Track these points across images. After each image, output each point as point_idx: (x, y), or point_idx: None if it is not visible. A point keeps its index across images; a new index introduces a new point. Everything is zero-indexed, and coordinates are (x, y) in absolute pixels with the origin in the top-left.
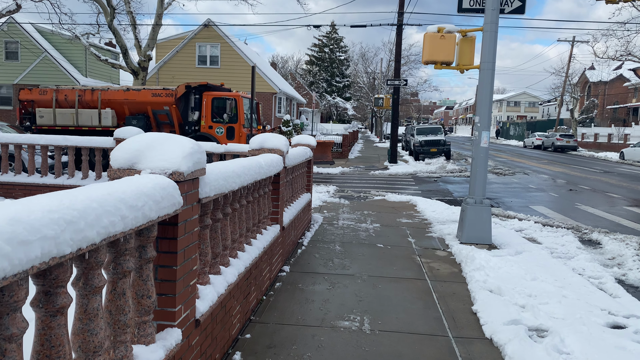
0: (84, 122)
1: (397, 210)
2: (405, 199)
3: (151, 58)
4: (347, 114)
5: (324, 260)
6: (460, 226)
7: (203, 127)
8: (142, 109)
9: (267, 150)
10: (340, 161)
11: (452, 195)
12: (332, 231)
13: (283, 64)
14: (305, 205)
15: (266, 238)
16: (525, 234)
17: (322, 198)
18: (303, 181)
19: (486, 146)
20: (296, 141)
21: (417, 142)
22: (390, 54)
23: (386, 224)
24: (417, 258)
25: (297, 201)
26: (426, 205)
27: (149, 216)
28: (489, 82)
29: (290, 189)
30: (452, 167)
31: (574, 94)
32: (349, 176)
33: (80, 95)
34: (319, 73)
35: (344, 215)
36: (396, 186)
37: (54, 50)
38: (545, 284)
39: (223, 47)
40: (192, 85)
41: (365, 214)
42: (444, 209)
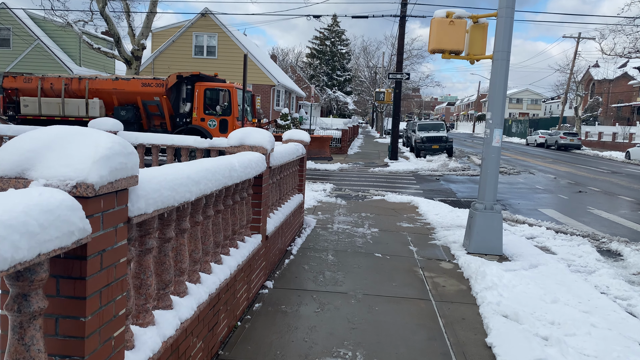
0: (70, 112)
1: (398, 213)
2: (406, 200)
3: (145, 47)
4: (348, 108)
5: (313, 274)
6: (467, 234)
7: (195, 119)
8: (132, 100)
9: (248, 148)
10: (339, 157)
11: (455, 195)
12: (325, 237)
13: (283, 57)
14: (296, 208)
15: (243, 252)
16: (537, 242)
17: (318, 197)
18: (294, 181)
19: (498, 145)
20: (287, 136)
21: (418, 138)
22: (392, 47)
23: (385, 228)
24: (419, 271)
25: (286, 204)
26: (428, 207)
27: (15, 258)
28: (503, 74)
29: (278, 191)
30: (455, 165)
31: (578, 92)
32: (347, 173)
33: (66, 84)
34: (320, 66)
35: (339, 217)
36: (396, 185)
37: (47, 38)
38: (568, 308)
39: (220, 38)
40: (184, 75)
41: (363, 216)
42: (447, 212)
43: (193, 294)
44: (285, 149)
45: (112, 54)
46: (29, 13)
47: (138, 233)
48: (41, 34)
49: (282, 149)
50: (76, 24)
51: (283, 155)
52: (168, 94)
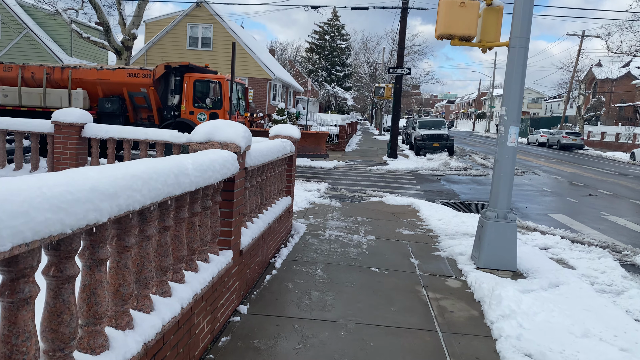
0: (52, 103)
1: (397, 217)
2: (406, 202)
3: (136, 37)
4: (347, 104)
5: (298, 294)
6: (476, 245)
7: (184, 112)
8: (117, 91)
9: (216, 145)
10: (336, 154)
11: (458, 197)
12: (315, 246)
13: (282, 51)
14: (282, 213)
15: (204, 276)
16: (552, 253)
17: (310, 199)
18: (280, 183)
19: (514, 145)
20: (274, 132)
21: (418, 135)
22: (392, 43)
23: (383, 236)
24: (422, 291)
25: (269, 210)
26: (430, 211)
27: None
28: (521, 64)
29: (259, 195)
30: (456, 164)
31: (582, 91)
32: (344, 171)
33: (48, 73)
34: (319, 61)
35: (333, 222)
36: (396, 185)
37: (37, 27)
38: (603, 345)
39: (216, 29)
40: (173, 65)
41: (359, 221)
42: (451, 217)
43: (117, 347)
44: (268, 146)
45: (101, 44)
46: (19, 0)
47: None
48: (31, 23)
49: (264, 146)
50: (66, 12)
51: (264, 154)
52: (156, 86)
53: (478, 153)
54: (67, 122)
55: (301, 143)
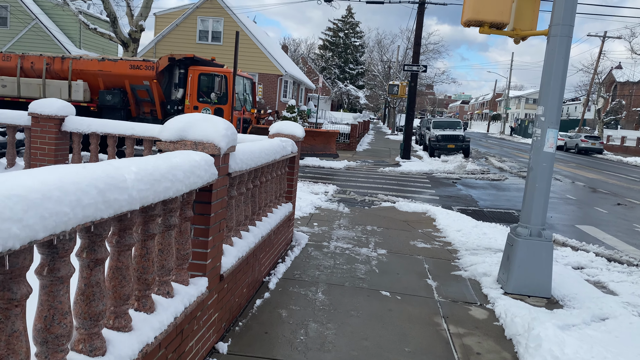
0: (52, 94)
1: (411, 227)
2: (420, 209)
3: (143, 29)
4: (359, 103)
5: (292, 326)
6: (504, 266)
7: (187, 107)
8: (119, 83)
9: (190, 144)
10: (347, 154)
11: (477, 204)
12: (318, 261)
13: (295, 48)
14: (281, 223)
15: (163, 317)
16: (588, 274)
17: (316, 203)
18: (279, 187)
19: (552, 151)
20: (275, 130)
21: (433, 136)
22: (407, 41)
23: (396, 249)
24: (442, 324)
25: (264, 220)
26: (448, 220)
27: None
28: (563, 56)
29: (249, 205)
30: (473, 167)
31: (602, 94)
32: (355, 173)
33: (48, 63)
34: (332, 58)
35: (339, 231)
36: (409, 188)
37: (46, 17)
38: None
39: (227, 22)
40: (177, 57)
41: (369, 231)
42: (471, 227)
43: None
44: (261, 147)
45: (109, 36)
46: None
47: None
48: (40, 13)
49: (257, 147)
50: (74, 2)
51: (256, 156)
52: (159, 78)
53: (494, 155)
54: (46, 115)
55: (310, 142)
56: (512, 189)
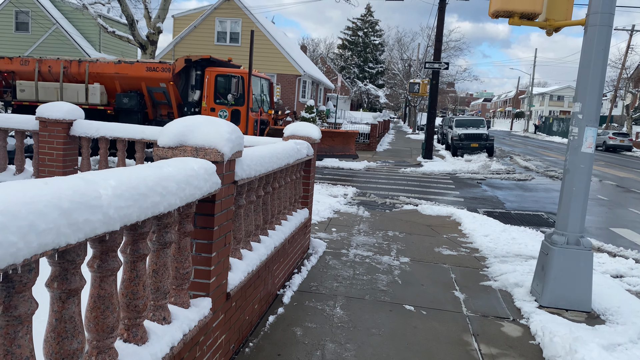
0: (69, 98)
1: (435, 231)
2: (444, 212)
3: (161, 31)
4: (379, 102)
5: (307, 347)
6: (539, 276)
7: (204, 109)
8: (136, 86)
9: (190, 150)
10: (367, 154)
11: (503, 206)
12: (336, 271)
13: (314, 47)
14: (296, 231)
15: (156, 349)
16: (629, 284)
17: (335, 206)
18: (295, 192)
19: (591, 152)
20: (290, 132)
21: (455, 135)
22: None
23: (419, 257)
24: (472, 343)
25: (278, 228)
26: (474, 224)
27: None
28: (602, 47)
29: (260, 213)
30: (497, 166)
31: (629, 89)
32: (375, 174)
33: (65, 67)
34: (351, 58)
35: (359, 237)
36: (431, 190)
37: (66, 22)
38: None
39: (245, 23)
40: (193, 59)
41: (390, 236)
42: (499, 232)
43: None
44: (273, 151)
45: (127, 38)
46: None
47: None
48: (61, 18)
49: (268, 151)
50: (93, 6)
51: (266, 161)
52: (175, 80)
53: (519, 154)
54: (53, 119)
55: (329, 143)
56: (540, 189)
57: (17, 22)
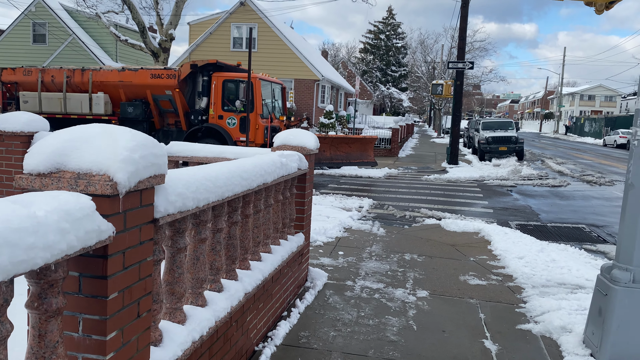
0: (72, 108)
1: (460, 253)
2: (471, 228)
3: (173, 38)
4: (403, 105)
5: None
6: (595, 322)
7: (212, 116)
8: (141, 94)
9: (69, 178)
10: (388, 160)
11: (538, 218)
12: (336, 313)
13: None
14: (285, 263)
15: None
16: None
17: (346, 222)
18: (284, 216)
19: None
20: (280, 141)
21: (482, 138)
22: (451, 40)
23: (441, 289)
24: None
25: (254, 267)
26: (506, 242)
27: None
28: None
29: (223, 252)
30: (528, 171)
31: None
32: (395, 182)
33: (69, 76)
34: (373, 61)
35: (369, 264)
36: (457, 199)
37: (83, 33)
38: None
39: (261, 28)
40: (199, 64)
41: (407, 261)
42: (536, 252)
43: None
44: (236, 168)
45: (139, 47)
46: (65, 6)
47: None
48: (78, 30)
49: (225, 170)
50: (106, 15)
51: (219, 184)
52: (181, 87)
53: (551, 157)
54: (10, 131)
55: (345, 149)
56: (577, 196)
57: (34, 34)
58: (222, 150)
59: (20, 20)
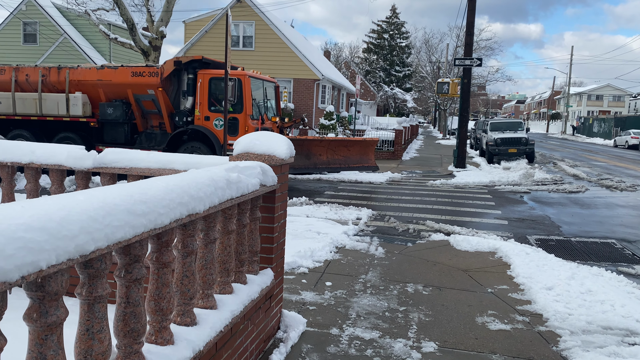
0: (48, 110)
1: (475, 281)
2: (486, 247)
3: (164, 35)
4: (407, 106)
5: None
6: None
7: (197, 117)
8: (122, 93)
9: None
10: (391, 164)
11: (559, 231)
12: None
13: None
14: (238, 319)
15: None
16: None
17: (339, 240)
18: (242, 249)
19: None
20: (242, 148)
21: (491, 140)
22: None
23: (453, 341)
24: None
25: (179, 340)
26: (529, 265)
27: None
28: None
29: (122, 324)
30: (541, 175)
31: None
32: (398, 188)
33: (44, 75)
34: (377, 61)
35: (363, 299)
36: (466, 209)
37: (76, 33)
38: None
39: (258, 26)
40: (183, 60)
41: (410, 295)
42: (566, 279)
43: None
44: (141, 192)
45: (129, 45)
46: (56, 4)
47: None
48: (69, 29)
49: (110, 197)
50: (96, 12)
51: (84, 230)
52: (165, 86)
53: (563, 159)
54: None
55: (343, 153)
56: (600, 204)
57: (25, 33)
58: (169, 160)
59: (10, 19)
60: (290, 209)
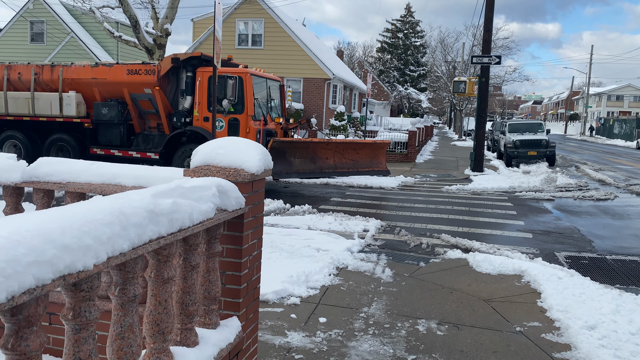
0: (41, 110)
1: (500, 316)
2: (510, 269)
3: (169, 33)
4: (422, 106)
5: None
6: None
7: (196, 118)
8: (117, 93)
9: None
10: (404, 167)
11: (591, 246)
12: None
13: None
14: None
15: None
16: None
17: (341, 259)
18: (192, 298)
19: None
20: (202, 159)
21: (509, 142)
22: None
23: None
24: None
25: None
26: (563, 294)
27: None
28: None
29: None
30: (564, 179)
31: None
32: (411, 195)
33: (37, 73)
34: (391, 61)
35: (363, 344)
36: (485, 219)
37: (83, 32)
38: None
39: (268, 24)
40: (182, 57)
41: (421, 336)
42: (611, 313)
43: None
44: None
45: (133, 43)
46: (63, 2)
47: None
48: (77, 27)
49: None
50: (101, 10)
51: None
52: (162, 85)
53: (585, 162)
54: None
55: (352, 156)
56: (633, 214)
57: (32, 32)
58: (116, 173)
59: (17, 18)
60: (291, 220)
